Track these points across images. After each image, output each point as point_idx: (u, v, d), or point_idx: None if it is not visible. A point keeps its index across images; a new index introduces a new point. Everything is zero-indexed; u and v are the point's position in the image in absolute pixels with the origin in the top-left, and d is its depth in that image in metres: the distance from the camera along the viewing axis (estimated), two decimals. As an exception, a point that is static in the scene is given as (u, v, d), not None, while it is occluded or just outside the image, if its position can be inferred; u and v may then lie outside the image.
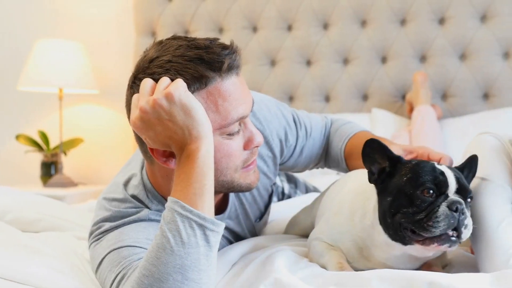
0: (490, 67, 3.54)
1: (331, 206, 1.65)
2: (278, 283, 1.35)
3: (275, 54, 3.86)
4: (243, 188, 1.55)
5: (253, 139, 1.51)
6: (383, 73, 3.71)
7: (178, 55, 1.39)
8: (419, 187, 1.39)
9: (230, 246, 1.72)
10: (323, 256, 1.53)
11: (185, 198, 1.30)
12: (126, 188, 1.58)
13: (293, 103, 3.84)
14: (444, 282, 1.27)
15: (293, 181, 2.60)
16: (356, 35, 3.74)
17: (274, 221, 2.13)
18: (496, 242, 1.46)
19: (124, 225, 1.49)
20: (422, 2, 3.63)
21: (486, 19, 3.57)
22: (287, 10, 3.82)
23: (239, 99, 1.43)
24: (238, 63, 1.44)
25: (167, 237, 1.26)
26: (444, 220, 1.35)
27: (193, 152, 1.32)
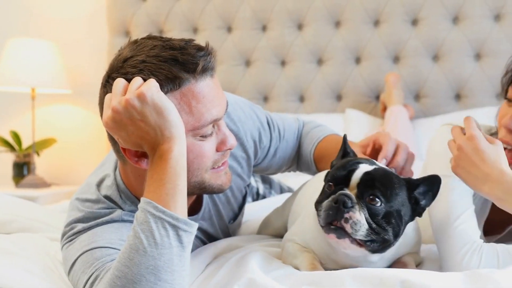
0: (462, 68, 3.59)
1: (304, 208, 1.66)
2: (251, 283, 1.35)
3: (250, 54, 3.87)
4: (215, 189, 1.55)
5: (226, 142, 1.50)
6: (357, 74, 3.74)
7: (152, 55, 1.39)
8: (326, 181, 1.47)
9: (204, 246, 1.71)
10: (296, 258, 1.54)
11: (158, 199, 1.29)
12: (99, 189, 1.57)
13: (268, 103, 3.84)
14: (416, 280, 1.27)
15: (267, 181, 2.60)
16: (330, 36, 3.76)
17: (248, 221, 2.13)
18: (453, 239, 1.49)
19: (97, 226, 1.48)
20: (395, 4, 3.66)
21: (458, 20, 3.61)
22: (261, 11, 3.83)
23: (213, 101, 1.43)
24: (213, 65, 1.44)
25: (140, 238, 1.26)
26: (325, 211, 1.38)
27: (165, 153, 1.32)
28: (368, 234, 1.37)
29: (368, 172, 1.41)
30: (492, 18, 3.56)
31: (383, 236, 1.39)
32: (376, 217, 1.38)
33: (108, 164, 1.64)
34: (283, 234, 1.70)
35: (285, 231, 1.72)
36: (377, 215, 1.38)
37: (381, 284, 1.29)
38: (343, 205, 1.36)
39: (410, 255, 1.55)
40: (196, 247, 1.71)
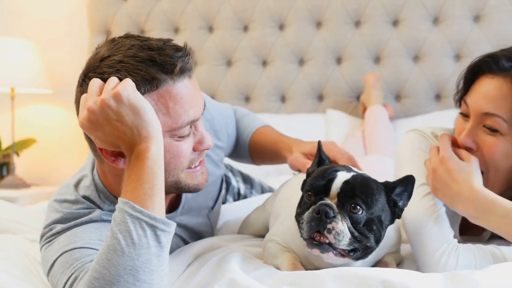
0: (442, 69, 3.61)
1: (285, 209, 1.66)
2: (232, 283, 1.35)
3: (231, 54, 3.86)
4: (191, 189, 1.55)
5: (203, 142, 1.51)
6: (338, 74, 3.75)
7: (129, 55, 1.38)
8: (305, 191, 1.46)
9: (184, 246, 1.71)
10: (277, 258, 1.54)
11: (136, 199, 1.29)
12: (77, 189, 1.56)
13: (249, 103, 3.84)
14: (397, 280, 1.28)
15: (248, 181, 2.60)
16: (311, 36, 3.77)
17: (229, 221, 2.13)
18: (428, 241, 1.50)
19: (76, 226, 1.47)
20: (376, 4, 3.67)
21: (438, 21, 3.64)
22: (243, 11, 3.82)
23: (190, 102, 1.43)
24: (190, 66, 1.43)
25: (117, 238, 1.25)
26: (307, 222, 1.38)
27: (142, 152, 1.31)
28: (351, 243, 1.38)
29: (347, 180, 1.42)
30: (472, 19, 3.59)
31: (365, 244, 1.39)
32: (358, 225, 1.39)
33: (87, 166, 1.64)
34: (264, 234, 1.71)
35: (266, 231, 1.72)
36: (359, 223, 1.39)
37: (362, 283, 1.29)
38: (325, 216, 1.36)
39: (390, 254, 1.56)
40: (176, 246, 1.71)
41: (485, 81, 1.55)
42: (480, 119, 1.54)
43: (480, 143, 1.55)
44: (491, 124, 1.52)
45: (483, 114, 1.53)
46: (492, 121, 1.52)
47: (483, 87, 1.55)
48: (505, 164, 1.55)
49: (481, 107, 1.53)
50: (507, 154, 1.54)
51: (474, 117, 1.55)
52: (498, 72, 1.52)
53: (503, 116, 1.51)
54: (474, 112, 1.55)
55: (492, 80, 1.53)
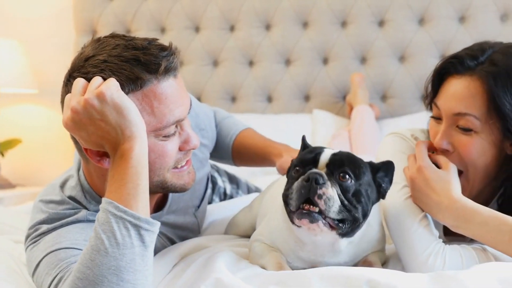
0: (428, 69, 3.54)
1: (271, 208, 1.66)
2: (219, 283, 1.35)
3: (218, 54, 3.86)
4: (177, 189, 1.55)
5: (189, 142, 1.51)
6: (325, 74, 3.76)
7: (114, 55, 1.38)
8: (292, 167, 1.49)
9: (170, 247, 1.71)
10: (263, 257, 1.54)
11: (119, 199, 1.28)
12: (63, 190, 1.55)
13: (236, 103, 3.84)
14: (382, 280, 1.29)
15: (235, 181, 2.60)
16: (298, 37, 3.77)
17: (216, 221, 2.13)
18: (414, 243, 1.51)
19: (62, 226, 1.46)
20: (362, 5, 3.68)
21: (424, 22, 3.65)
22: (229, 11, 3.82)
23: (176, 102, 1.43)
24: (176, 65, 1.43)
25: (101, 238, 1.25)
26: (297, 192, 1.40)
27: (126, 152, 1.31)
28: (340, 211, 1.39)
29: (335, 153, 1.46)
30: (457, 19, 3.61)
31: (353, 214, 1.41)
32: (347, 193, 1.41)
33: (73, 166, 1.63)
34: (250, 234, 1.71)
35: (252, 231, 1.72)
36: (348, 191, 1.41)
37: (347, 283, 1.30)
38: (316, 182, 1.38)
39: (375, 253, 1.57)
40: (163, 246, 1.71)
41: (452, 82, 1.56)
42: (452, 120, 1.56)
43: (456, 143, 1.56)
44: (464, 123, 1.53)
45: (455, 114, 1.54)
46: (464, 121, 1.53)
47: (451, 88, 1.56)
48: (483, 161, 1.56)
49: (452, 108, 1.55)
50: (483, 151, 1.55)
51: (447, 119, 1.57)
52: (464, 72, 1.54)
53: (474, 114, 1.52)
54: (446, 113, 1.56)
55: (459, 80, 1.55)
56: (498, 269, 1.37)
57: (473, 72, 1.53)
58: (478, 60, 1.54)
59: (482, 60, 1.54)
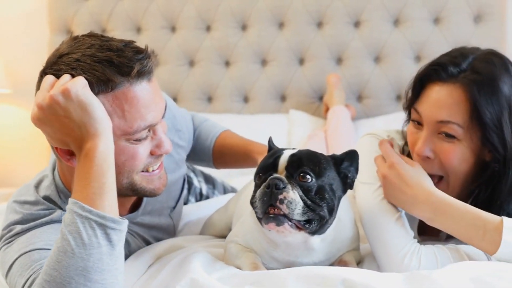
0: (403, 70, 3.65)
1: (246, 209, 1.66)
2: (194, 284, 1.34)
3: (194, 54, 3.85)
4: (147, 193, 1.54)
5: (161, 147, 1.49)
6: (301, 75, 3.77)
7: (88, 54, 1.37)
8: (256, 174, 1.48)
9: (146, 247, 1.70)
10: (238, 258, 1.54)
11: (85, 198, 1.28)
12: (37, 190, 1.54)
13: (212, 103, 3.84)
14: (357, 279, 1.30)
15: (211, 182, 2.60)
16: (274, 37, 3.78)
17: (191, 222, 2.12)
18: (389, 243, 1.52)
19: (36, 227, 1.45)
20: (338, 6, 3.70)
21: (399, 23, 3.68)
22: (205, 11, 3.81)
23: (148, 106, 1.41)
24: (150, 69, 1.42)
25: (67, 239, 1.24)
26: (260, 200, 1.40)
27: (90, 150, 1.30)
28: (305, 212, 1.40)
29: (293, 154, 1.46)
30: (432, 21, 3.64)
31: (318, 213, 1.41)
32: (310, 193, 1.41)
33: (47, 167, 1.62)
34: (226, 234, 1.71)
35: (228, 232, 1.72)
36: (310, 191, 1.41)
37: (322, 283, 1.30)
38: (276, 188, 1.38)
39: (350, 253, 1.58)
40: (138, 247, 1.70)
41: (435, 89, 1.56)
42: (435, 127, 1.56)
43: (438, 150, 1.57)
44: (447, 130, 1.54)
45: (438, 122, 1.54)
46: (447, 128, 1.53)
47: (434, 95, 1.56)
48: (464, 168, 1.57)
49: (435, 116, 1.55)
50: (465, 158, 1.56)
51: (429, 126, 1.57)
52: (447, 79, 1.54)
53: (457, 122, 1.52)
54: (428, 120, 1.56)
55: (442, 88, 1.55)
56: (471, 268, 1.38)
57: (456, 80, 1.53)
58: (461, 68, 1.54)
59: (465, 68, 1.54)
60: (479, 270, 1.36)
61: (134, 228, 1.69)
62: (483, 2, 3.57)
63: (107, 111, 1.36)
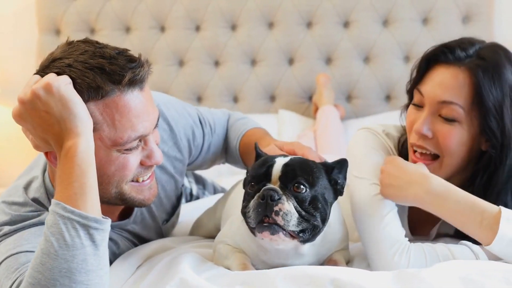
0: (392, 70, 3.67)
1: (235, 210, 1.66)
2: (183, 284, 1.34)
3: (183, 54, 3.84)
4: (136, 203, 1.52)
5: (152, 158, 1.48)
6: (290, 75, 3.77)
7: (80, 60, 1.36)
8: (246, 183, 1.48)
9: (134, 248, 1.69)
10: (228, 258, 1.54)
11: (66, 199, 1.27)
12: (26, 192, 1.53)
13: (202, 103, 3.83)
14: (346, 278, 1.30)
15: (201, 182, 2.60)
16: (263, 37, 3.78)
17: (181, 223, 2.12)
18: (381, 240, 1.53)
19: (24, 229, 1.44)
20: (328, 6, 3.71)
21: (388, 23, 3.69)
22: (195, 10, 3.81)
23: (139, 116, 1.40)
24: (142, 78, 1.40)
25: (50, 241, 1.23)
26: (253, 210, 1.39)
27: (70, 150, 1.29)
28: (299, 223, 1.39)
29: (286, 163, 1.44)
30: (420, 21, 3.66)
31: (312, 223, 1.41)
32: (304, 204, 1.41)
33: (37, 168, 1.61)
34: (215, 235, 1.71)
35: (217, 232, 1.72)
36: (304, 201, 1.41)
37: (311, 283, 1.31)
38: (271, 199, 1.38)
39: (339, 252, 1.58)
40: (127, 248, 1.70)
41: (440, 70, 1.58)
42: (436, 108, 1.57)
43: (436, 131, 1.58)
44: (448, 112, 1.55)
45: (440, 102, 1.56)
46: (449, 110, 1.55)
47: (439, 76, 1.58)
48: (461, 150, 1.58)
49: (438, 96, 1.56)
50: (462, 142, 1.57)
51: (430, 106, 1.58)
52: (453, 61, 1.57)
53: (460, 103, 1.54)
54: (430, 100, 1.58)
55: (447, 70, 1.57)
56: (460, 267, 1.39)
57: (462, 63, 1.56)
58: (467, 53, 1.57)
59: (471, 54, 1.57)
60: (468, 269, 1.37)
61: (124, 233, 1.68)
62: (471, 3, 3.59)
63: (97, 120, 1.36)
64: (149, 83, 1.48)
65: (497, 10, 3.65)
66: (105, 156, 1.40)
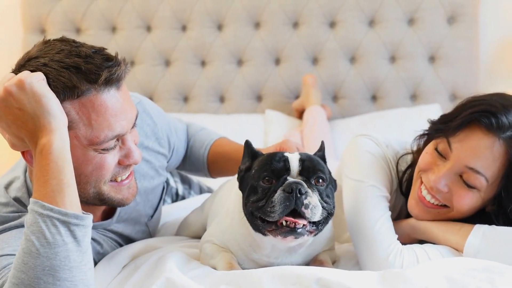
0: (378, 70, 3.68)
1: (221, 209, 1.66)
2: (169, 283, 1.34)
3: (170, 54, 3.83)
4: (115, 203, 1.52)
5: (130, 157, 1.47)
6: (277, 75, 3.77)
7: (56, 60, 1.35)
8: (260, 177, 1.45)
9: (120, 248, 1.69)
10: (214, 258, 1.54)
11: (44, 197, 1.26)
12: (7, 191, 1.52)
13: (188, 103, 3.83)
14: (332, 278, 1.31)
15: (187, 182, 2.59)
16: (250, 37, 3.78)
17: (168, 223, 2.11)
18: (375, 241, 1.54)
19: (5, 231, 1.43)
20: (314, 6, 3.71)
21: (374, 23, 3.70)
22: (181, 10, 3.80)
23: (116, 116, 1.40)
24: (119, 77, 1.40)
25: (31, 240, 1.23)
26: (280, 203, 1.39)
27: (45, 147, 1.28)
28: (322, 214, 1.42)
29: (301, 158, 1.46)
30: (406, 22, 3.67)
31: (328, 212, 1.45)
32: (323, 196, 1.44)
33: (19, 168, 1.60)
34: (202, 235, 1.71)
35: (204, 232, 1.72)
36: (324, 193, 1.45)
37: (298, 282, 1.31)
38: (299, 192, 1.38)
39: (326, 252, 1.59)
40: (112, 248, 1.69)
41: (477, 135, 1.51)
42: (461, 169, 1.53)
43: (452, 190, 1.55)
44: (470, 179, 1.52)
45: (467, 167, 1.52)
46: (473, 177, 1.51)
47: (474, 141, 1.51)
48: (470, 211, 1.59)
49: (467, 160, 1.51)
50: (476, 206, 1.57)
51: (455, 165, 1.53)
52: (494, 130, 1.48)
53: (486, 176, 1.51)
54: (458, 160, 1.53)
55: (485, 137, 1.49)
56: (445, 266, 1.40)
57: (502, 134, 1.48)
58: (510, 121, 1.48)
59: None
60: (452, 268, 1.38)
61: (108, 234, 1.68)
62: (457, 3, 3.60)
63: (73, 119, 1.35)
64: (135, 83, 1.47)
65: (482, 11, 3.67)
66: (82, 156, 1.39)
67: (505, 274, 1.35)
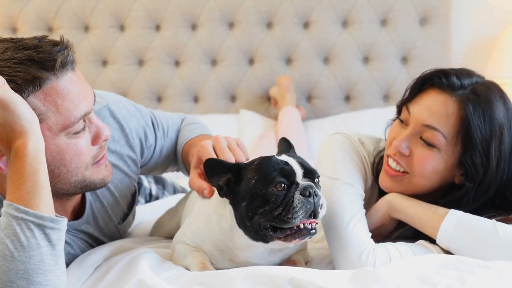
0: (351, 71, 3.71)
1: (193, 209, 1.66)
2: (141, 285, 1.34)
3: (143, 54, 3.82)
4: (97, 185, 1.52)
5: (101, 134, 1.48)
6: (251, 75, 3.78)
7: (5, 58, 1.34)
8: (270, 184, 1.40)
9: (93, 249, 1.67)
10: (186, 258, 1.53)
11: (19, 199, 1.25)
12: None
13: (162, 103, 3.81)
14: (304, 277, 1.31)
15: (160, 182, 2.58)
16: (224, 37, 3.78)
17: (141, 223, 2.10)
18: (348, 239, 1.54)
19: None
20: (288, 7, 3.72)
21: (347, 24, 3.73)
22: (155, 10, 3.79)
23: (79, 96, 1.40)
24: (72, 59, 1.40)
25: (5, 243, 1.21)
26: (301, 208, 1.38)
27: (19, 150, 1.27)
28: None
29: (297, 161, 1.46)
30: (379, 22, 3.70)
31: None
32: None
33: None
34: (176, 235, 1.70)
35: (178, 232, 1.71)
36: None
37: (270, 282, 1.31)
38: (316, 195, 1.41)
39: (299, 252, 1.60)
40: (82, 250, 1.67)
41: (432, 94, 1.59)
42: (419, 129, 1.58)
43: (414, 151, 1.60)
44: (429, 137, 1.56)
45: (424, 125, 1.57)
46: (430, 135, 1.56)
47: (429, 100, 1.59)
48: (433, 176, 1.61)
49: (424, 119, 1.57)
50: (437, 169, 1.59)
51: (414, 126, 1.59)
52: (446, 88, 1.57)
53: (443, 132, 1.55)
54: (415, 121, 1.59)
55: (438, 95, 1.57)
56: (416, 264, 1.42)
57: (454, 93, 1.56)
58: (462, 83, 1.57)
59: (466, 85, 1.57)
60: (423, 266, 1.40)
61: (78, 234, 1.66)
62: (429, 5, 3.64)
63: (40, 110, 1.34)
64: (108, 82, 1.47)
65: (454, 12, 3.72)
66: (56, 147, 1.38)
67: (475, 272, 1.36)
